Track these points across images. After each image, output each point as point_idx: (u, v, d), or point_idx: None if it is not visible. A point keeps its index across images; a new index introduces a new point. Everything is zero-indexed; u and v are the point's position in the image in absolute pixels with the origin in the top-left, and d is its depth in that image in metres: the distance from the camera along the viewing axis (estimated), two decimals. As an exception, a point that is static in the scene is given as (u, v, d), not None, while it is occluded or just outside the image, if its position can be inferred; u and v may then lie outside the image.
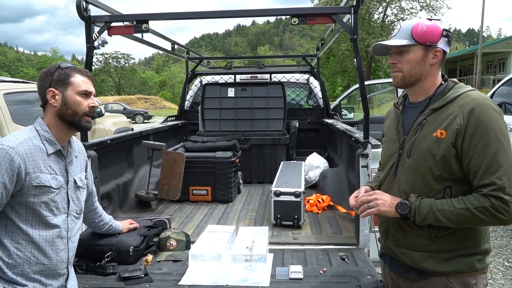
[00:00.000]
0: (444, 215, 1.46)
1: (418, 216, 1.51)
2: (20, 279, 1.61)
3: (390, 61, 1.65)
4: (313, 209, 3.54)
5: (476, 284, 1.55)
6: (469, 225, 1.50)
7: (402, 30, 1.61)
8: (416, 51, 1.59)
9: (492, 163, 1.42)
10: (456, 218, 1.45)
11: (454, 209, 1.45)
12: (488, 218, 1.42)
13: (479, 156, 1.44)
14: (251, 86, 5.35)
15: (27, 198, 1.61)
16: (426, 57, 1.59)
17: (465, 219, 1.44)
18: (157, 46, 4.56)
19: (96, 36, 2.89)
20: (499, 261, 4.15)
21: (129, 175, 3.79)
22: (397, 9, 36.51)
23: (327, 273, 2.26)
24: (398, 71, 1.62)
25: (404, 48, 1.60)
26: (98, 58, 59.37)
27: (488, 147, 1.43)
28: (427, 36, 1.57)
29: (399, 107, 1.76)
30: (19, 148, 1.59)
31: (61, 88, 1.70)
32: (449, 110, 1.53)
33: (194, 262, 2.22)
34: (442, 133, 1.51)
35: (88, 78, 1.78)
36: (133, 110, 30.24)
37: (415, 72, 1.60)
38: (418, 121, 1.61)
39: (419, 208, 1.51)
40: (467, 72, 36.68)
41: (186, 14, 3.07)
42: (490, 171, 1.42)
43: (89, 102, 1.75)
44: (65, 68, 1.73)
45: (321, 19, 2.97)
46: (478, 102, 1.48)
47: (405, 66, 1.60)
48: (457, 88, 1.58)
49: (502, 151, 1.43)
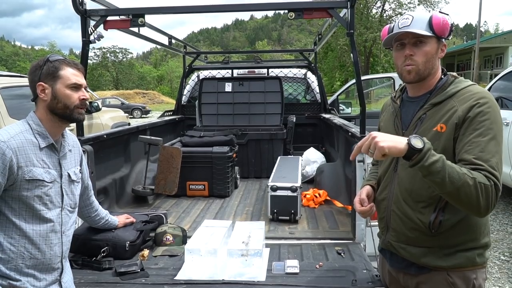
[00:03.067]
0: (451, 173, 1.33)
1: (429, 158, 1.33)
2: (14, 274, 1.60)
3: (407, 52, 1.55)
4: (310, 203, 3.55)
5: (476, 278, 1.54)
6: (457, 198, 1.37)
7: (418, 20, 1.54)
8: (432, 43, 1.55)
9: (485, 151, 1.41)
10: (459, 182, 1.33)
11: (462, 173, 1.34)
12: (480, 198, 1.35)
13: (471, 144, 1.43)
14: (248, 80, 5.34)
15: (20, 192, 1.60)
16: (438, 51, 1.57)
17: (464, 188, 1.34)
18: (154, 40, 4.54)
19: (92, 30, 2.88)
20: (495, 255, 4.17)
21: (126, 170, 3.79)
22: (395, 3, 36.46)
23: (323, 268, 2.27)
24: (413, 64, 1.55)
25: (423, 39, 1.53)
26: (95, 52, 59.16)
27: (483, 136, 1.42)
28: (445, 29, 1.53)
29: (396, 101, 1.73)
30: (11, 141, 1.58)
31: (50, 81, 1.68)
32: (449, 105, 1.52)
33: (190, 257, 2.22)
34: (442, 127, 1.50)
35: (77, 70, 1.75)
36: (131, 105, 30.14)
37: (429, 65, 1.56)
38: (418, 116, 1.59)
39: (431, 151, 1.34)
40: (465, 67, 36.72)
41: (182, 8, 3.05)
42: (484, 158, 1.40)
43: (80, 95, 1.73)
44: (54, 61, 1.70)
45: (318, 13, 2.97)
46: (478, 96, 1.48)
47: (421, 59, 1.54)
48: (457, 83, 1.57)
49: (495, 142, 1.43)
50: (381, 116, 1.87)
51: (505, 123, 5.06)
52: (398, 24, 1.59)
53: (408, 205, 1.59)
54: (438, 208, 1.52)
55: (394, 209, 1.65)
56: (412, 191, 1.57)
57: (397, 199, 1.63)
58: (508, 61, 30.27)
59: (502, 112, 5.71)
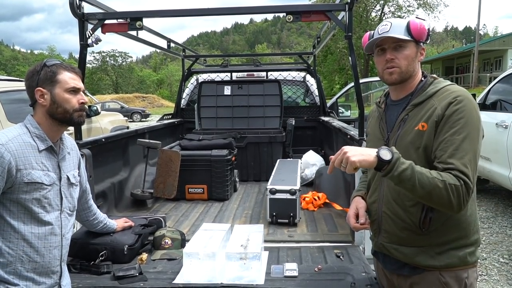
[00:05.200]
0: (420, 179, 1.40)
1: (399, 167, 1.39)
2: (12, 278, 1.59)
3: (389, 57, 1.62)
4: (309, 206, 3.54)
5: (468, 277, 1.57)
6: (430, 200, 1.44)
7: (397, 26, 1.62)
8: (411, 47, 1.62)
9: (459, 149, 1.44)
10: (429, 187, 1.39)
11: (431, 177, 1.40)
12: (452, 198, 1.40)
13: (447, 142, 1.47)
14: (247, 84, 5.34)
15: (18, 195, 1.60)
16: (417, 54, 1.64)
17: (435, 191, 1.39)
18: (152, 44, 4.54)
19: (89, 33, 2.88)
20: (494, 257, 4.16)
21: (125, 174, 3.78)
22: (395, 6, 36.61)
23: (322, 271, 2.26)
24: (395, 66, 1.62)
25: (402, 43, 1.61)
26: (95, 56, 59.34)
27: (457, 134, 1.46)
28: (422, 33, 1.61)
29: (381, 106, 1.79)
30: (9, 144, 1.58)
31: (48, 86, 1.68)
32: (429, 104, 1.57)
33: (188, 260, 2.21)
34: (423, 125, 1.55)
35: (75, 74, 1.75)
36: (130, 109, 30.19)
37: (410, 68, 1.63)
38: (401, 117, 1.65)
39: (400, 160, 1.41)
40: (464, 70, 36.74)
41: (180, 12, 3.07)
42: (457, 156, 1.44)
43: (79, 98, 1.74)
44: (51, 65, 1.70)
45: (316, 16, 2.97)
46: (456, 94, 1.53)
47: (403, 62, 1.61)
48: (436, 83, 1.62)
49: (469, 140, 1.46)
50: (368, 121, 1.93)
51: (504, 126, 5.06)
52: (378, 30, 1.66)
53: (398, 205, 1.62)
54: (426, 207, 1.54)
55: (385, 210, 1.68)
56: (400, 191, 1.59)
57: (387, 200, 1.66)
58: (507, 64, 30.32)
59: (501, 114, 5.65)
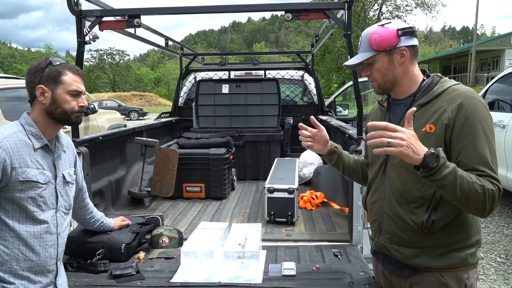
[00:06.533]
0: (461, 183, 1.35)
1: (442, 171, 1.33)
2: (8, 276, 1.58)
3: (363, 74, 1.67)
4: (307, 205, 3.53)
5: (468, 278, 1.56)
6: (466, 204, 1.40)
7: (363, 42, 1.63)
8: (381, 59, 1.60)
9: (483, 155, 1.43)
10: (468, 191, 1.36)
11: (471, 182, 1.37)
12: (487, 203, 1.38)
13: (468, 149, 1.44)
14: (245, 82, 5.33)
15: (13, 193, 1.58)
16: (393, 60, 1.59)
17: (474, 196, 1.37)
18: (150, 42, 4.53)
19: (87, 30, 2.86)
20: (491, 257, 4.17)
21: (122, 172, 3.76)
22: (393, 6, 36.66)
23: (320, 270, 2.25)
24: (373, 80, 1.65)
25: (370, 60, 1.61)
26: (92, 54, 59.13)
27: (477, 140, 1.44)
28: (383, 44, 1.57)
29: (384, 104, 1.76)
30: (4, 142, 1.56)
31: (51, 85, 1.67)
32: (436, 105, 1.52)
33: (186, 259, 2.20)
34: (431, 127, 1.50)
35: (79, 76, 1.74)
36: (128, 107, 30.08)
37: (389, 77, 1.62)
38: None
39: (445, 165, 1.35)
40: (461, 70, 36.84)
41: (178, 9, 3.04)
42: (483, 163, 1.42)
43: (79, 102, 1.73)
44: (57, 65, 1.69)
45: (315, 14, 2.96)
46: (465, 96, 1.49)
47: (377, 75, 1.63)
48: (442, 83, 1.58)
49: (489, 143, 1.45)
50: (369, 120, 1.89)
51: (501, 126, 5.06)
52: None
53: (400, 206, 1.59)
54: (431, 208, 1.52)
55: (386, 210, 1.65)
56: (404, 192, 1.57)
57: (389, 200, 1.64)
58: (505, 64, 30.40)
59: (498, 114, 5.67)
